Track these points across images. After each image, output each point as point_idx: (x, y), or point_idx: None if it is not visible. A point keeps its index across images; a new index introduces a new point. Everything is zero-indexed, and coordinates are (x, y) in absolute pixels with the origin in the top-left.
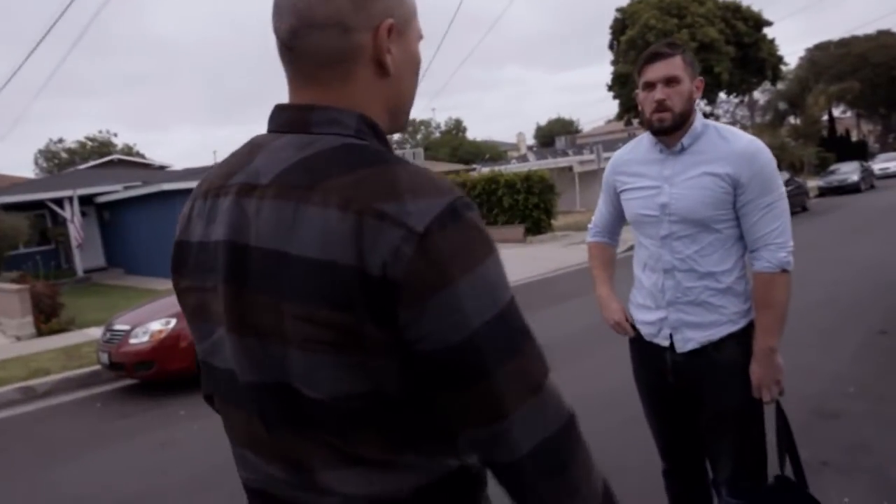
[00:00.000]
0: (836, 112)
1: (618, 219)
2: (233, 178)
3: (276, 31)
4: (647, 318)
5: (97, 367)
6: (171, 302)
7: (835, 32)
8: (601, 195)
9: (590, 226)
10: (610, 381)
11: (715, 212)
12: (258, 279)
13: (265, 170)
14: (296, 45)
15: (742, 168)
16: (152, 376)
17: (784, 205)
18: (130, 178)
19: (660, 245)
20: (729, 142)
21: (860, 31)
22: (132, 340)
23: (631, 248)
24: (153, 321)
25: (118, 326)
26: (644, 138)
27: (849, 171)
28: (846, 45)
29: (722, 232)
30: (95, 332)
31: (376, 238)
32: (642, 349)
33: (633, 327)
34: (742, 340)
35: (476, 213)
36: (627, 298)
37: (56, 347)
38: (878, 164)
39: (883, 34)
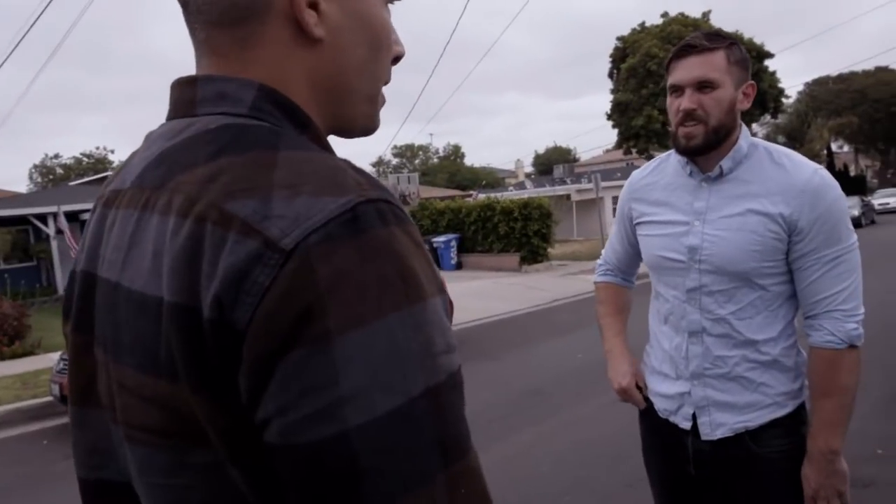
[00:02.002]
0: (835, 147)
1: (634, 256)
2: (110, 184)
3: None
4: (663, 390)
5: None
6: None
7: (833, 68)
8: (614, 225)
9: (599, 262)
10: (614, 426)
11: (762, 263)
12: (98, 326)
13: (133, 169)
14: (188, 1)
15: (803, 207)
16: None
17: (855, 259)
18: None
19: (685, 299)
20: (786, 170)
21: (858, 68)
22: None
23: (647, 275)
24: None
25: None
26: (671, 157)
27: (850, 207)
28: (845, 81)
29: (769, 290)
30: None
31: (216, 256)
32: (655, 428)
33: (646, 398)
34: (791, 430)
35: (402, 229)
36: (639, 355)
37: (14, 373)
38: (878, 200)
39: (881, 70)
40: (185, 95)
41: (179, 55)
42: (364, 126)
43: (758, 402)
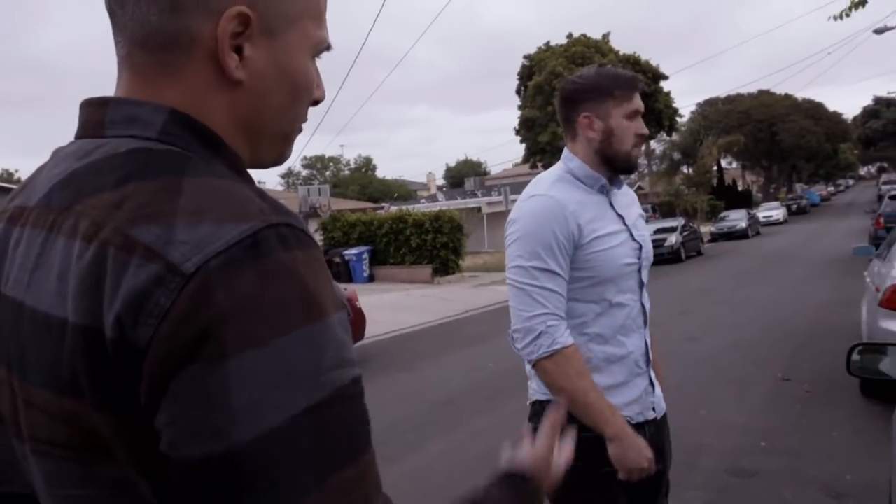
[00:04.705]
0: (724, 163)
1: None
2: (15, 199)
3: None
4: (628, 398)
5: None
6: None
7: (722, 89)
8: (547, 261)
9: (548, 322)
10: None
11: None
12: (1, 343)
13: (39, 187)
14: (116, 12)
15: (641, 209)
16: None
17: None
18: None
19: (638, 297)
20: (625, 185)
21: (744, 90)
22: None
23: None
24: None
25: None
26: (564, 177)
27: (737, 219)
28: (732, 102)
29: None
30: None
31: (118, 280)
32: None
33: None
34: None
35: (304, 251)
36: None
37: None
38: (763, 212)
39: (763, 93)
40: (95, 117)
41: (63, 59)
42: (275, 161)
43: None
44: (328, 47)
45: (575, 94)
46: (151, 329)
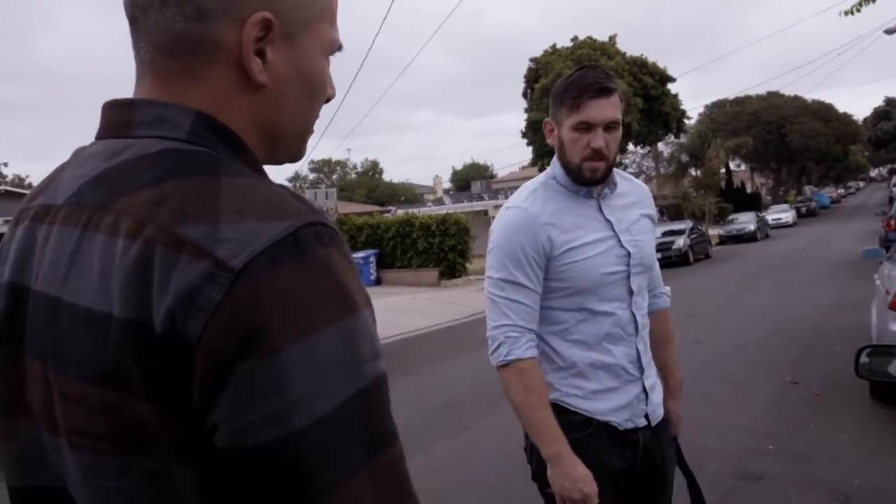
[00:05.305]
0: (732, 165)
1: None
2: (36, 198)
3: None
4: (616, 404)
5: None
6: None
7: (730, 91)
8: (514, 274)
9: (508, 333)
10: None
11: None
12: (32, 338)
13: (66, 186)
14: (139, 19)
15: (653, 207)
16: None
17: None
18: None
19: (627, 305)
20: (633, 183)
21: (752, 92)
22: None
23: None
24: None
25: None
26: (547, 185)
27: (746, 221)
28: (741, 104)
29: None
30: None
31: (168, 276)
32: (607, 444)
33: (594, 428)
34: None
35: (337, 249)
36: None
37: None
38: (772, 215)
39: (772, 95)
40: (121, 117)
41: (69, 66)
42: (291, 159)
43: (656, 374)
44: (340, 47)
45: (551, 96)
46: (202, 323)
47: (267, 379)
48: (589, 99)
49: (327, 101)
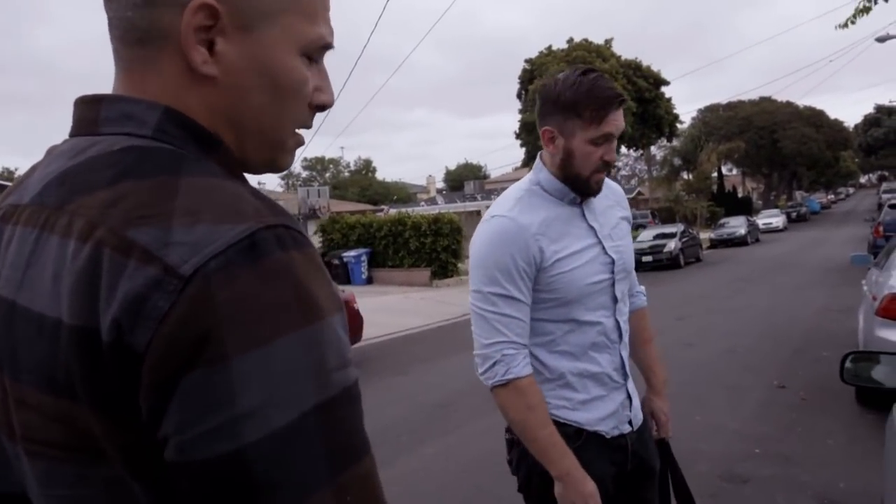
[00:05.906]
0: (724, 169)
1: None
2: (8, 197)
3: None
4: (604, 413)
5: None
6: None
7: (723, 96)
8: (507, 287)
9: (505, 350)
10: None
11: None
12: None
13: (33, 185)
14: (106, 11)
15: (628, 208)
16: None
17: None
18: None
19: (611, 313)
20: (609, 184)
21: (745, 97)
22: None
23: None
24: None
25: None
26: (531, 191)
27: (737, 226)
28: (733, 109)
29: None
30: None
31: (115, 282)
32: (598, 453)
33: (584, 439)
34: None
35: (301, 252)
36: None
37: None
38: (762, 220)
39: (765, 100)
40: (89, 114)
41: (63, 58)
42: (267, 166)
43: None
44: (326, 46)
45: (545, 102)
46: (150, 332)
47: (216, 390)
48: (613, 111)
49: (321, 108)
